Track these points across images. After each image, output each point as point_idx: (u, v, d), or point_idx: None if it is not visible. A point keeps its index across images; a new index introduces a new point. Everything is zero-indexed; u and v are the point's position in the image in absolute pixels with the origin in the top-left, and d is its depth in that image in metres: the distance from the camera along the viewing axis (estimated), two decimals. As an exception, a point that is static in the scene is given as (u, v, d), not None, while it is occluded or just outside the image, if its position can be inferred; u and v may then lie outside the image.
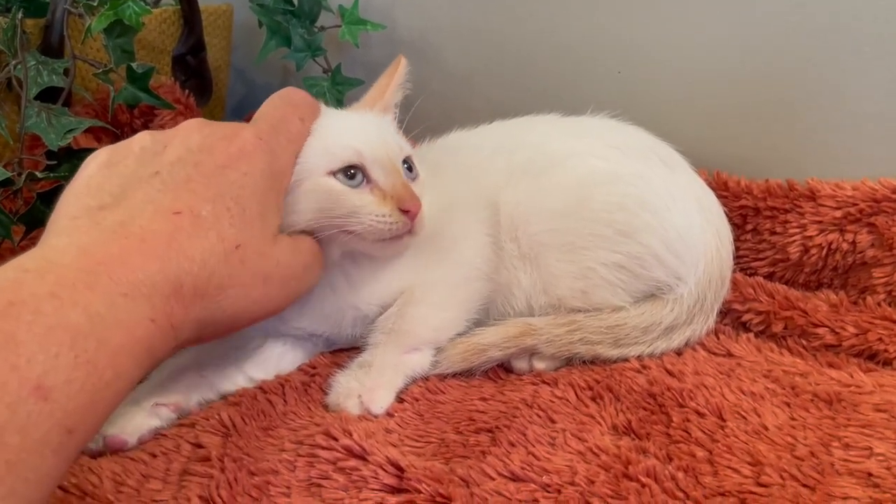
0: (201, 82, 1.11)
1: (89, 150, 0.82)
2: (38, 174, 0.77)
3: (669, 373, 0.71)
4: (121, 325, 0.45)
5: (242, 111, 1.32)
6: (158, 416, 0.63)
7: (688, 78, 0.96)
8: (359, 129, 0.66)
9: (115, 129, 0.92)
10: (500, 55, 1.09)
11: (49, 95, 0.84)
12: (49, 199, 0.81)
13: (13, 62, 0.81)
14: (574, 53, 1.03)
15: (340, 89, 1.04)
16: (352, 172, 0.63)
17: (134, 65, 0.87)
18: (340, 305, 0.70)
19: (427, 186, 0.70)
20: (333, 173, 0.62)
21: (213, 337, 0.54)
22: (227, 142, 0.56)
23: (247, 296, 0.53)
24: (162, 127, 0.94)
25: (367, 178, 0.64)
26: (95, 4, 0.84)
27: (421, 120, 0.77)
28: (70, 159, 0.82)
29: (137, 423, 0.61)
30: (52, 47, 0.89)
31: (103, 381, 0.43)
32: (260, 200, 0.55)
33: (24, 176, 0.75)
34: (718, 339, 0.78)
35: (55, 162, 0.81)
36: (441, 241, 0.71)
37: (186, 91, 1.01)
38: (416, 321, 0.69)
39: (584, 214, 0.72)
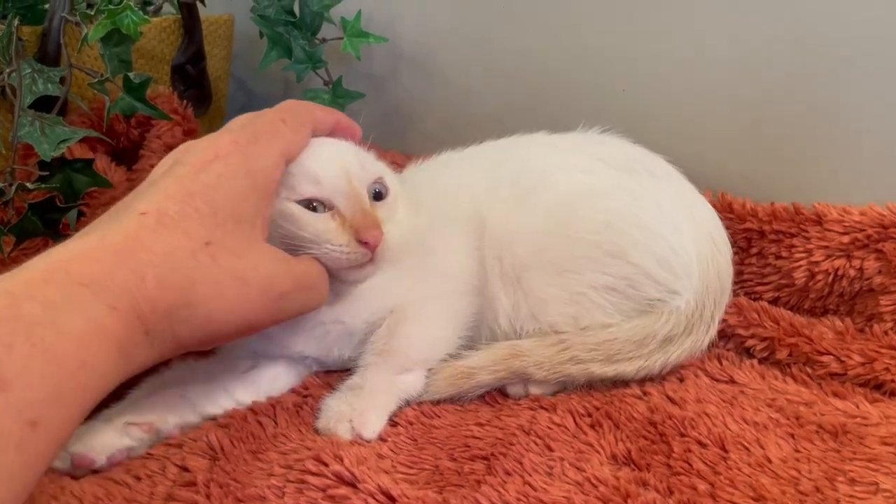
0: (200, 92, 1.10)
1: (83, 161, 0.84)
2: (30, 185, 0.75)
3: (671, 400, 0.69)
4: (79, 312, 0.44)
5: (242, 121, 1.30)
6: (129, 436, 0.60)
7: (692, 97, 0.94)
8: (322, 158, 0.65)
9: (109, 140, 0.90)
10: (503, 70, 1.09)
11: (44, 104, 0.82)
12: (41, 209, 0.80)
13: (8, 70, 0.79)
14: (578, 70, 1.01)
15: (342, 102, 1.02)
16: (313, 206, 0.63)
17: (131, 75, 0.85)
18: (324, 320, 0.68)
19: (414, 203, 0.70)
20: (297, 202, 0.63)
21: (194, 343, 0.53)
22: (203, 148, 0.57)
23: (220, 294, 0.52)
24: (158, 137, 0.93)
25: (328, 205, 0.63)
26: (93, 13, 0.82)
27: (421, 133, 0.76)
28: (63, 169, 0.81)
29: (106, 441, 0.59)
30: (48, 55, 0.88)
31: (67, 371, 0.42)
32: (235, 201, 0.55)
33: (14, 187, 0.74)
34: (721, 364, 0.76)
35: (48, 172, 0.79)
36: (430, 256, 0.70)
37: (184, 101, 0.99)
38: (407, 340, 0.67)
39: (569, 234, 0.70)
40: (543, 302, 0.70)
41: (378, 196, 0.67)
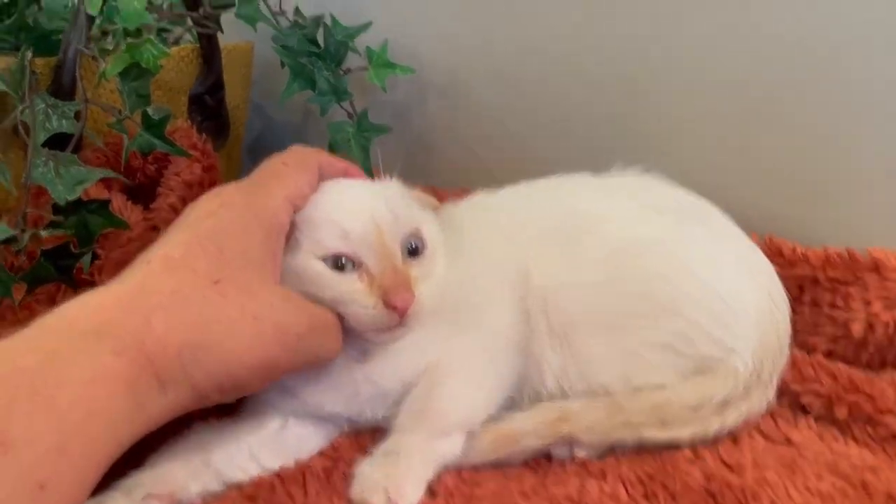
0: (218, 123, 1.07)
1: (99, 202, 0.79)
2: (43, 233, 0.71)
3: (726, 464, 0.64)
4: (82, 360, 0.43)
5: (260, 148, 1.28)
6: None
7: (732, 127, 0.91)
8: (350, 208, 0.62)
9: (125, 179, 0.87)
10: (536, 100, 1.05)
11: (58, 142, 0.78)
12: (54, 255, 0.76)
13: (21, 107, 0.75)
14: (613, 102, 0.98)
15: (367, 136, 0.98)
16: (341, 262, 0.60)
17: (150, 110, 0.81)
18: (356, 380, 0.64)
19: (451, 251, 0.67)
20: (322, 258, 0.60)
21: (212, 389, 0.51)
22: (208, 199, 0.58)
23: (234, 333, 0.51)
24: (177, 174, 0.89)
25: (356, 262, 0.60)
26: (110, 47, 0.78)
27: (448, 165, 0.73)
28: (78, 211, 0.76)
29: None
30: (63, 89, 0.84)
31: (71, 424, 0.41)
32: (242, 241, 0.55)
33: (27, 234, 0.69)
34: (776, 423, 0.71)
35: (61, 216, 0.75)
36: (469, 310, 0.67)
37: (202, 134, 0.96)
38: (445, 402, 0.64)
39: (620, 288, 0.68)
40: (593, 361, 0.67)
41: (413, 251, 0.64)
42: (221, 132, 1.08)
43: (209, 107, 1.05)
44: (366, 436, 0.68)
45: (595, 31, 0.97)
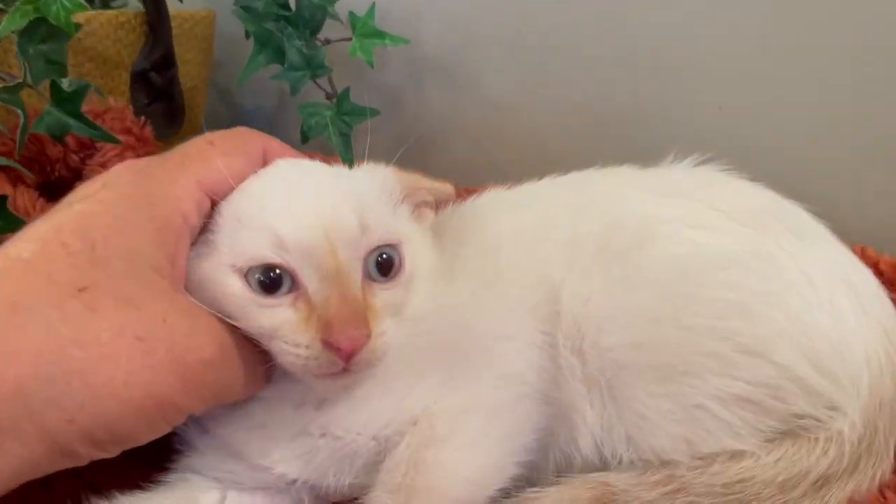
0: (170, 106, 0.95)
1: None
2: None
3: None
4: None
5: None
6: None
7: (810, 117, 0.80)
8: (293, 205, 0.50)
9: (27, 171, 0.72)
10: (551, 78, 0.95)
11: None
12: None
13: None
14: (654, 77, 0.86)
15: (347, 120, 0.86)
16: (271, 276, 0.48)
17: (63, 81, 0.67)
18: (308, 430, 0.53)
19: (449, 265, 0.57)
20: (242, 271, 0.48)
21: (78, 439, 0.41)
22: (95, 179, 0.49)
23: (107, 358, 0.42)
24: (103, 165, 0.74)
25: (293, 282, 0.48)
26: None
27: (447, 157, 0.63)
28: (-39, 210, 0.63)
29: None
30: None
31: None
32: (123, 234, 0.45)
33: None
34: (885, 498, 0.56)
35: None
36: (470, 343, 0.56)
37: (143, 118, 0.82)
38: (438, 473, 0.51)
39: (686, 320, 0.55)
40: (646, 418, 0.55)
41: (384, 269, 0.52)
42: (174, 118, 0.96)
43: (157, 86, 0.94)
44: None
45: (616, 11, 0.89)
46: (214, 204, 0.50)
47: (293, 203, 0.50)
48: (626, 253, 0.58)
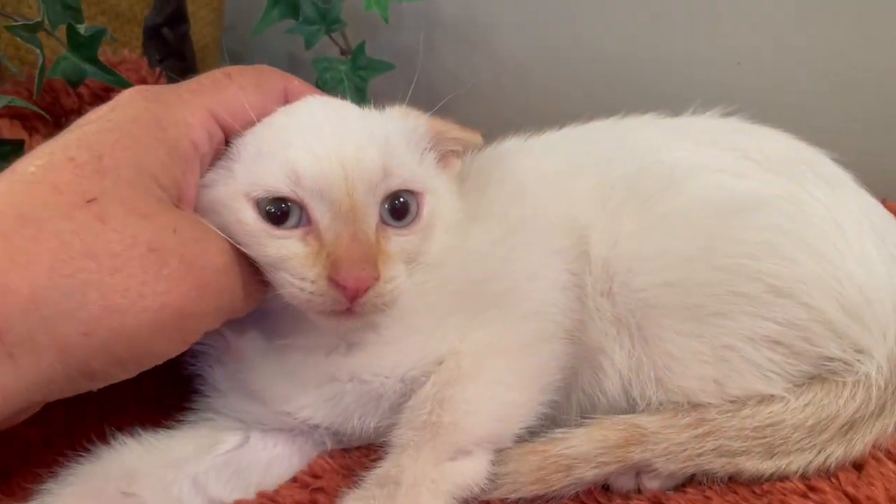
0: (181, 63, 0.92)
1: (11, 143, 0.64)
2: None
3: (852, 500, 0.52)
4: None
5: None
6: None
7: (828, 71, 0.79)
8: (313, 141, 0.50)
9: (47, 116, 0.70)
10: (567, 39, 0.94)
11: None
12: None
13: None
14: (673, 33, 0.85)
15: (363, 75, 0.86)
16: (282, 208, 0.48)
17: (80, 26, 0.66)
18: (336, 376, 0.53)
19: (473, 209, 0.57)
20: (256, 201, 0.48)
21: (94, 354, 0.41)
22: (107, 103, 0.48)
23: (119, 269, 0.41)
24: None
25: (305, 216, 0.49)
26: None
27: (461, 117, 0.62)
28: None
29: None
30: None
31: None
32: (132, 151, 0.45)
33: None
34: None
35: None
36: (496, 285, 0.56)
37: (157, 69, 0.81)
38: (463, 408, 0.51)
39: (717, 262, 0.55)
40: (676, 360, 0.55)
41: (398, 213, 0.51)
42: (185, 74, 0.90)
43: (169, 42, 0.90)
44: (355, 457, 0.57)
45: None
46: (228, 136, 0.50)
47: (315, 139, 0.49)
48: (657, 196, 0.58)
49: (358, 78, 0.85)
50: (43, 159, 0.43)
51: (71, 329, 0.40)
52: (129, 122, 0.46)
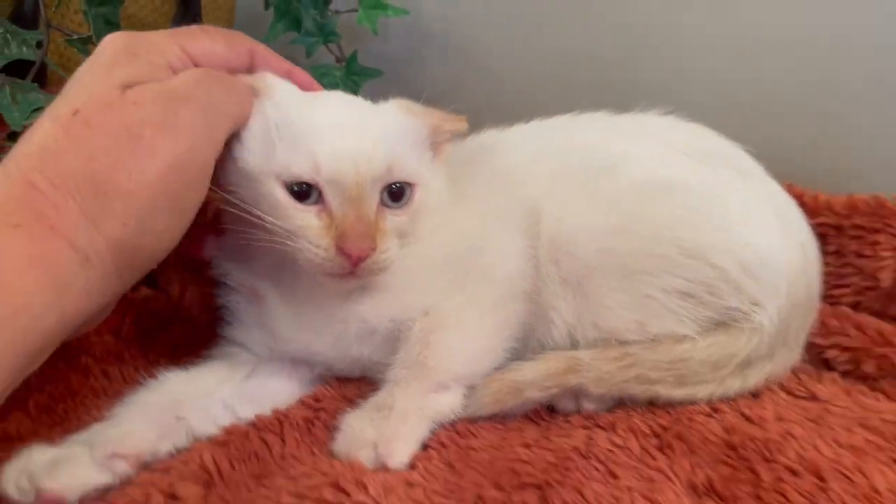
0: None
1: None
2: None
3: (747, 419, 0.60)
4: None
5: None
6: (112, 471, 0.51)
7: (752, 74, 0.87)
8: (336, 141, 0.56)
9: None
10: (543, 49, 1.00)
11: (18, 70, 0.72)
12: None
13: (-22, 31, 0.69)
14: (628, 45, 0.93)
15: (356, 80, 0.94)
16: (304, 188, 0.55)
17: None
18: (345, 317, 0.61)
19: (456, 193, 0.64)
20: (284, 182, 0.55)
21: (135, 234, 0.46)
22: None
23: (117, 151, 0.45)
24: None
25: (321, 197, 0.56)
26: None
27: None
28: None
29: (82, 477, 0.49)
30: (24, 16, 0.78)
31: None
32: (106, 67, 0.49)
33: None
34: (799, 378, 0.67)
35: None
36: (473, 255, 0.63)
37: None
38: (444, 352, 0.59)
39: (641, 231, 0.63)
40: (606, 308, 0.63)
41: (394, 196, 0.59)
42: None
43: None
44: (350, 386, 0.64)
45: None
46: (197, 64, 0.54)
47: (337, 137, 0.56)
48: (594, 179, 0.65)
49: (351, 83, 0.92)
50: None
51: (114, 221, 0.45)
52: (110, 48, 0.51)
